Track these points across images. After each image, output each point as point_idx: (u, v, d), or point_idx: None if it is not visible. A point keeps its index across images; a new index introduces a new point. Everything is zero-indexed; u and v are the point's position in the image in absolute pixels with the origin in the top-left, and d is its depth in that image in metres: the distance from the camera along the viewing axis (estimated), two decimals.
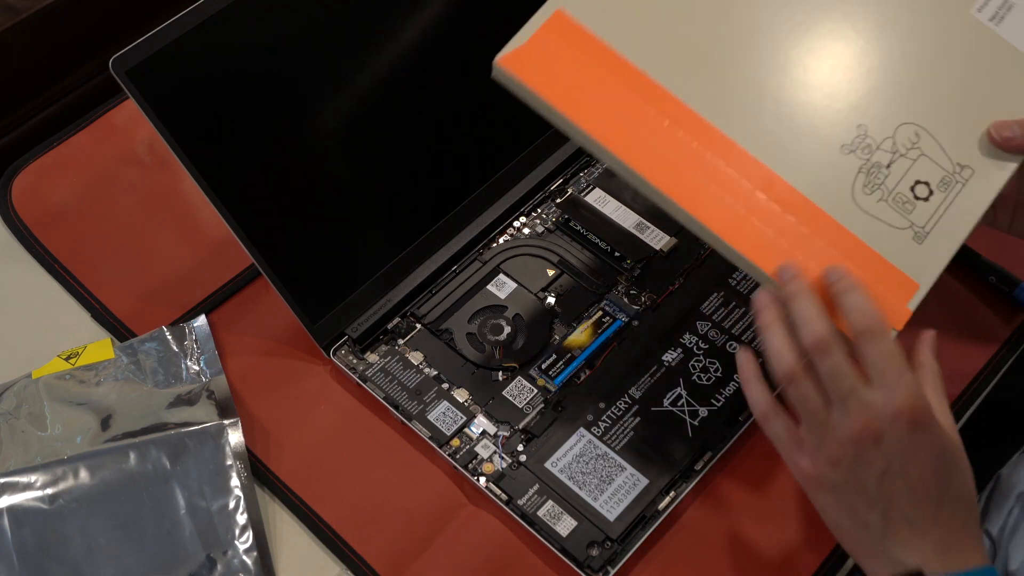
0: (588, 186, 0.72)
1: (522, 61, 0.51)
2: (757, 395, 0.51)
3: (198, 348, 0.66)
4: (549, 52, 0.51)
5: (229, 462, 0.60)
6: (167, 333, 0.66)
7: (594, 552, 0.57)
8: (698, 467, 0.60)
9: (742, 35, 0.53)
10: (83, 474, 0.59)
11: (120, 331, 0.67)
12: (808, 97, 0.52)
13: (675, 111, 0.51)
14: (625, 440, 0.60)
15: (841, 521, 0.48)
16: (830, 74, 0.53)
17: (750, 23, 0.53)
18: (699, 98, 0.51)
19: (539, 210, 0.72)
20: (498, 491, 0.59)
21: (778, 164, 0.51)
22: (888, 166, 0.52)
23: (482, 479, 0.60)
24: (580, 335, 0.65)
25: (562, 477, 0.59)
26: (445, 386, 0.63)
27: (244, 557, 0.58)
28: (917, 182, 0.52)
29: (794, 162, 0.51)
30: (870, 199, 0.51)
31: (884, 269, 0.50)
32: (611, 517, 0.58)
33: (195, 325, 0.66)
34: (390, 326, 0.66)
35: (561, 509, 0.58)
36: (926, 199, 0.52)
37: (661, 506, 0.58)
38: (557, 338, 0.65)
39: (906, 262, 0.51)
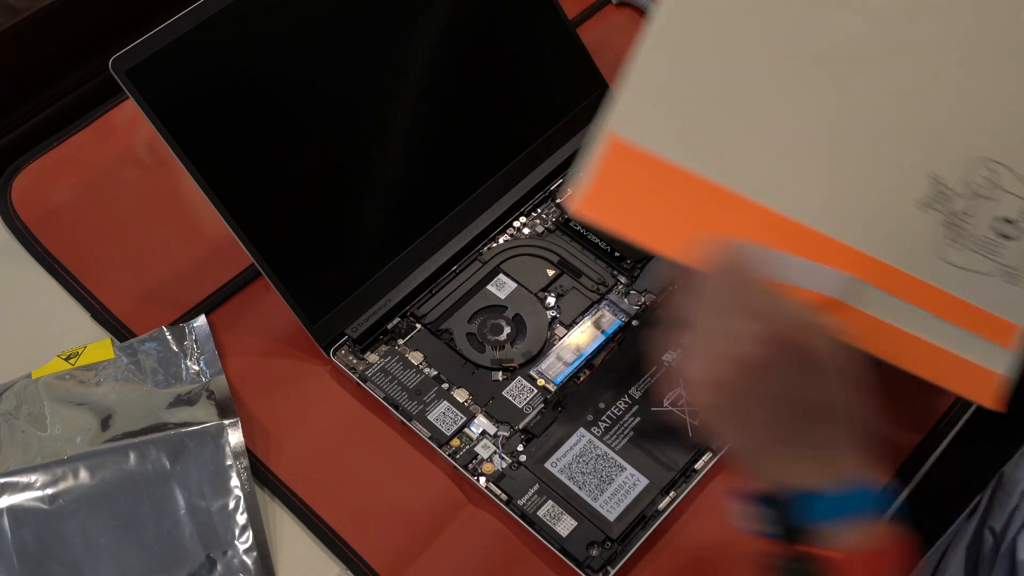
0: None
1: (594, 205, 0.48)
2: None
3: (198, 348, 0.66)
4: (617, 188, 0.48)
5: (229, 462, 0.60)
6: (167, 333, 0.66)
7: (594, 552, 0.57)
8: (698, 467, 0.60)
9: (791, 118, 0.50)
10: (83, 474, 0.59)
11: (120, 331, 0.67)
12: (874, 161, 0.50)
13: (752, 215, 0.48)
14: (625, 440, 0.60)
15: (731, 429, 0.48)
16: (891, 130, 0.50)
17: (793, 102, 0.50)
18: (770, 194, 0.49)
19: (539, 210, 0.72)
20: (498, 491, 0.59)
21: (861, 241, 0.49)
22: (968, 212, 0.50)
23: (482, 479, 0.60)
24: (580, 335, 0.65)
25: (562, 477, 0.59)
26: (445, 386, 0.63)
27: (244, 557, 0.58)
28: (1002, 220, 0.50)
29: (876, 235, 0.49)
30: (955, 251, 0.50)
31: (981, 317, 0.50)
32: (611, 517, 0.58)
33: (195, 325, 0.66)
34: (390, 326, 0.66)
35: (561, 509, 0.58)
36: (1014, 237, 0.50)
37: (661, 506, 0.58)
38: (557, 338, 0.65)
39: (1001, 306, 0.50)
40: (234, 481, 0.60)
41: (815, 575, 0.45)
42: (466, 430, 0.61)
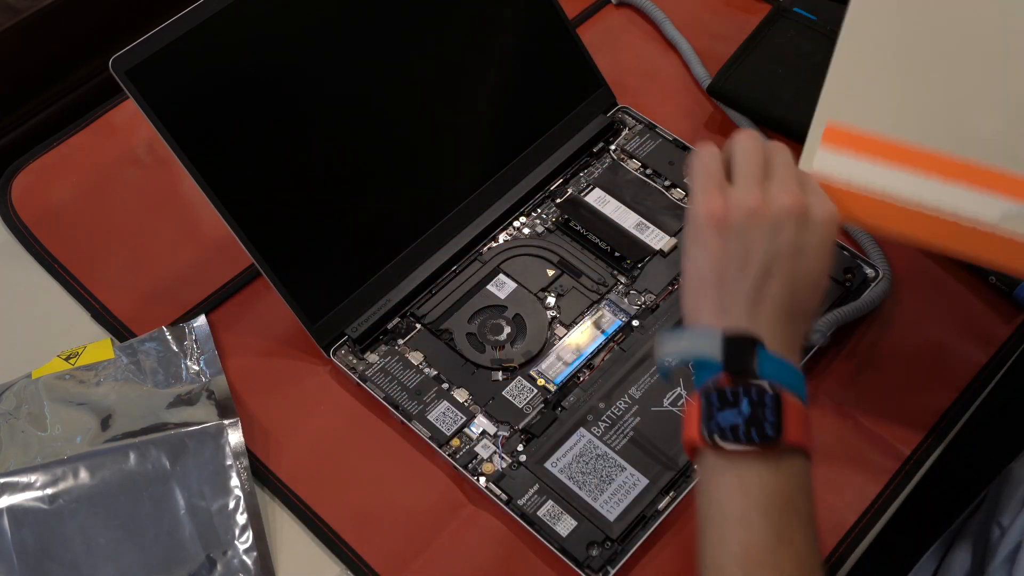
0: (588, 186, 0.72)
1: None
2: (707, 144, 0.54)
3: (198, 348, 0.66)
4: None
5: (229, 462, 0.60)
6: (167, 333, 0.66)
7: (594, 552, 0.57)
8: None
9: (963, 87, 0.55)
10: (83, 474, 0.59)
11: (120, 331, 0.67)
12: None
13: (967, 170, 0.53)
14: (625, 440, 0.60)
15: (707, 266, 0.50)
16: None
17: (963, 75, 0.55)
18: (970, 146, 0.54)
19: (539, 210, 0.72)
20: (498, 491, 0.59)
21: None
22: None
23: (482, 479, 0.60)
24: (580, 335, 0.65)
25: (562, 477, 0.59)
26: (445, 386, 0.63)
27: (244, 557, 0.58)
28: None
29: None
30: None
31: None
32: (611, 517, 0.58)
33: (195, 325, 0.66)
34: (390, 326, 0.66)
35: (561, 509, 0.58)
36: None
37: (661, 506, 0.58)
38: (557, 338, 0.65)
39: None
40: (234, 481, 0.60)
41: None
42: (466, 430, 0.61)
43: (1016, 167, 0.53)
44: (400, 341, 0.65)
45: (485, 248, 0.69)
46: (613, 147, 0.75)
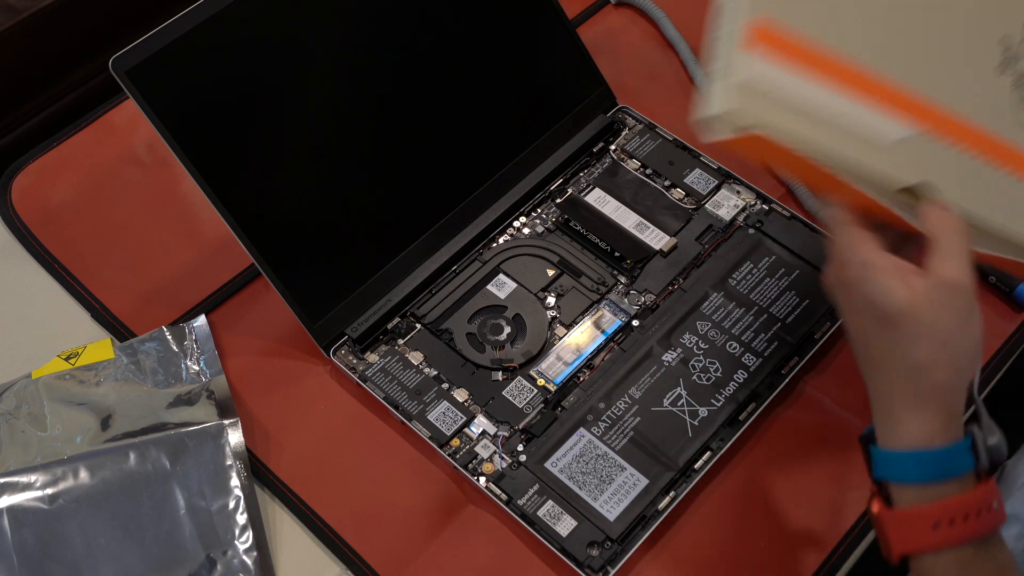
0: (588, 186, 0.72)
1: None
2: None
3: (198, 348, 0.66)
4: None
5: (229, 462, 0.60)
6: (167, 333, 0.66)
7: (594, 552, 0.57)
8: (698, 467, 0.60)
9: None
10: (83, 474, 0.59)
11: (120, 331, 0.68)
12: (957, 31, 0.51)
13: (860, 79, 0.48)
14: (625, 440, 0.60)
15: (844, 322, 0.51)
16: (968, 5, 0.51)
17: None
18: (876, 60, 0.49)
19: (539, 210, 0.72)
20: (498, 491, 0.59)
21: (951, 102, 0.50)
22: None
23: (482, 479, 0.60)
24: (580, 335, 0.65)
25: (562, 477, 0.59)
26: (445, 386, 0.63)
27: (244, 557, 0.58)
28: None
29: (963, 99, 0.50)
30: None
31: None
32: (611, 517, 0.58)
33: (195, 325, 0.66)
34: (390, 326, 0.66)
35: (561, 509, 0.58)
36: None
37: (661, 506, 0.58)
38: (557, 338, 0.65)
39: None
40: (234, 481, 0.60)
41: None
42: (466, 430, 0.61)
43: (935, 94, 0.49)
44: (400, 341, 0.65)
45: (485, 248, 0.69)
46: (613, 147, 0.75)
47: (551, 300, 0.67)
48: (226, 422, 0.62)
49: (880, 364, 0.48)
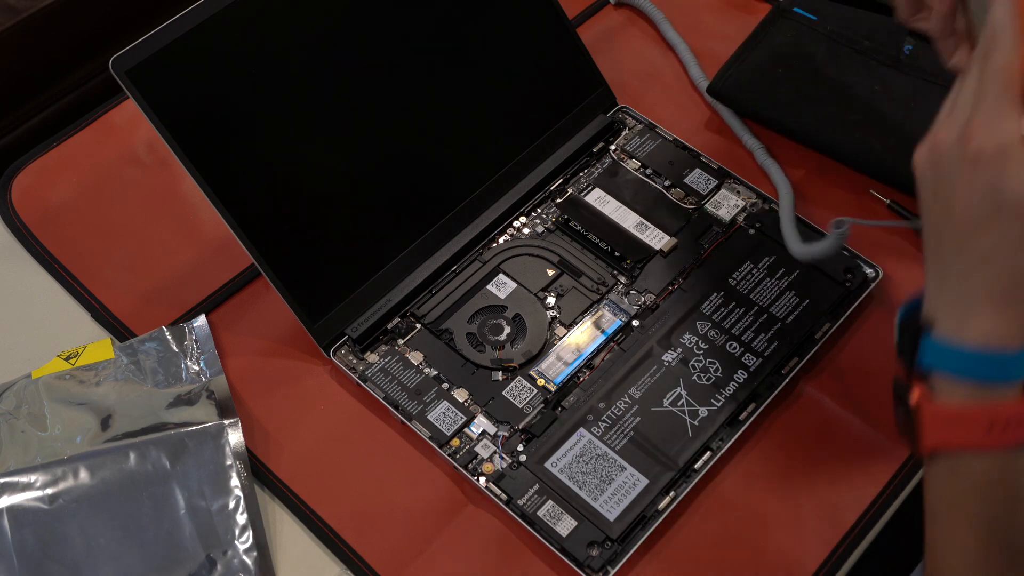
0: (588, 186, 0.72)
1: None
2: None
3: (198, 348, 0.66)
4: None
5: (229, 462, 0.60)
6: (167, 333, 0.66)
7: (594, 552, 0.57)
8: (698, 467, 0.60)
9: None
10: (83, 474, 0.59)
11: (120, 331, 0.68)
12: None
13: None
14: (625, 440, 0.60)
15: (922, 208, 0.46)
16: None
17: None
18: None
19: (539, 210, 0.72)
20: (498, 491, 0.59)
21: None
22: None
23: (482, 479, 0.60)
24: (580, 335, 0.65)
25: (562, 477, 0.59)
26: (445, 386, 0.63)
27: (244, 557, 0.58)
28: None
29: None
30: None
31: None
32: (611, 517, 0.58)
33: (195, 325, 0.66)
34: (390, 326, 0.66)
35: (561, 509, 0.58)
36: None
37: (661, 506, 0.58)
38: (557, 338, 0.65)
39: None
40: (234, 481, 0.60)
41: (909, 410, 0.45)
42: (466, 430, 0.61)
43: None
44: (400, 341, 0.65)
45: (485, 248, 0.69)
46: (613, 147, 0.75)
47: (551, 300, 0.67)
48: (226, 422, 0.62)
49: (971, 252, 0.44)
